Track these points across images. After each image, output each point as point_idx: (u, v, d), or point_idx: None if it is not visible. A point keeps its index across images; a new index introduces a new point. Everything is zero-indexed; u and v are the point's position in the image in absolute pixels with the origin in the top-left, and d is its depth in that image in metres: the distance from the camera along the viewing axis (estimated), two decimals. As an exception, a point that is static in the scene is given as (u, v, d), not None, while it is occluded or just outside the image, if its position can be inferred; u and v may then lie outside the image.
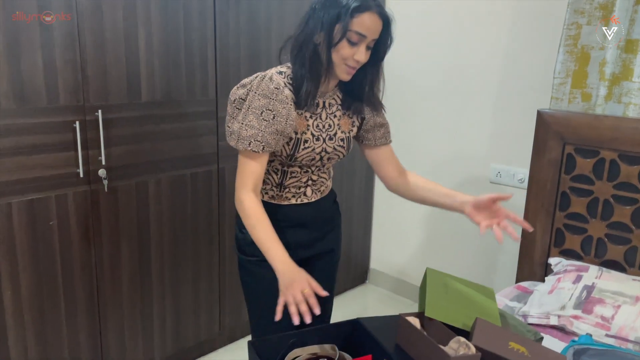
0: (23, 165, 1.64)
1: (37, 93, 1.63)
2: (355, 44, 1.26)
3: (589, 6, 1.97)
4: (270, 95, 1.28)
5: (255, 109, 1.29)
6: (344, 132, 1.44)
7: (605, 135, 1.86)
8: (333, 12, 1.25)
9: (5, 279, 1.67)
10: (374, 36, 1.27)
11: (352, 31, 1.24)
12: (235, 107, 1.35)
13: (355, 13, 1.23)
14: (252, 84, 1.31)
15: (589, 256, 1.96)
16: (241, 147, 1.30)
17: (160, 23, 1.87)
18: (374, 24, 1.26)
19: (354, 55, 1.27)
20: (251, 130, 1.28)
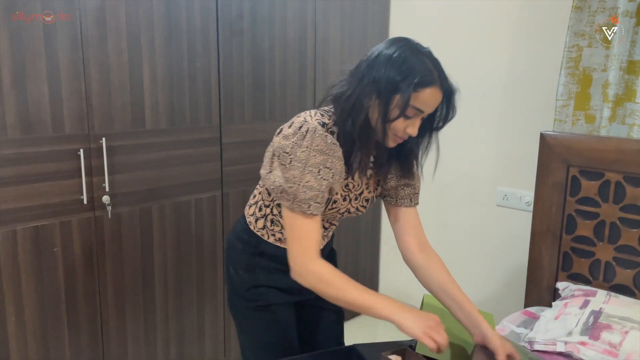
0: (28, 192, 1.68)
1: (43, 122, 1.68)
2: (410, 118, 1.15)
3: (589, 28, 1.97)
4: (327, 152, 1.16)
5: (312, 167, 1.15)
6: (370, 191, 1.35)
7: (609, 157, 1.84)
8: (393, 81, 1.11)
9: (10, 305, 1.69)
10: (431, 110, 1.17)
11: (412, 107, 1.13)
12: (276, 159, 1.19)
13: (419, 88, 1.11)
14: (302, 138, 1.15)
15: (597, 280, 1.92)
16: (298, 210, 1.16)
17: (164, 52, 1.92)
18: (435, 99, 1.14)
19: (407, 129, 1.16)
20: (310, 192, 1.15)
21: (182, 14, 1.94)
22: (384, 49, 1.17)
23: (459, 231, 2.67)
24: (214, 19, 2.04)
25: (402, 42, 1.17)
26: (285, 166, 1.16)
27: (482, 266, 2.59)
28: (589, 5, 1.96)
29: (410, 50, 1.15)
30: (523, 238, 2.37)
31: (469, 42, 2.50)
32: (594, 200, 1.89)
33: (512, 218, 2.45)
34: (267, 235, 1.33)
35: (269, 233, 1.33)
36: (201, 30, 2.01)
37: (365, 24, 2.66)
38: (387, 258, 3.05)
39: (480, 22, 2.45)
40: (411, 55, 1.14)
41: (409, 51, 1.15)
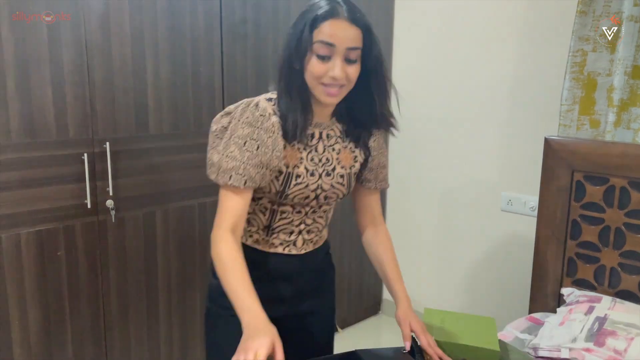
0: (32, 197, 1.68)
1: (47, 127, 1.68)
2: (326, 58, 1.11)
3: (594, 33, 1.97)
4: (254, 124, 1.15)
5: (237, 138, 1.15)
6: (344, 167, 1.28)
7: (614, 162, 1.83)
8: (299, 27, 1.12)
9: (14, 309, 1.69)
10: (348, 44, 1.11)
11: (317, 42, 1.10)
12: (216, 137, 1.22)
13: (318, 22, 1.09)
14: (236, 111, 1.19)
15: (602, 286, 1.90)
16: (221, 182, 1.15)
17: (167, 57, 1.93)
18: (341, 29, 1.10)
19: (328, 72, 1.11)
20: (232, 162, 1.14)
21: (186, 19, 1.95)
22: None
23: (464, 236, 2.66)
24: (218, 24, 2.05)
25: None
26: (220, 139, 1.20)
27: (486, 271, 2.58)
28: (593, 9, 1.95)
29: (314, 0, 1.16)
30: (527, 243, 2.36)
31: (473, 46, 2.50)
32: (598, 205, 1.88)
33: (516, 223, 2.44)
34: (245, 237, 1.29)
35: (246, 235, 1.29)
36: (205, 35, 2.02)
37: (369, 29, 2.66)
38: (391, 263, 3.03)
39: (485, 27, 2.45)
40: (315, 1, 1.14)
41: (312, 2, 1.15)
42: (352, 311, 2.90)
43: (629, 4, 1.87)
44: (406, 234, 2.92)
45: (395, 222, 2.97)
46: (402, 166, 2.89)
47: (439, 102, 2.67)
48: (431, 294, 2.86)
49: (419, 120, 2.76)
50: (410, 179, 2.87)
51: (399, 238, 2.96)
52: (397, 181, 2.93)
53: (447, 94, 2.63)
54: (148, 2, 1.84)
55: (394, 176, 2.92)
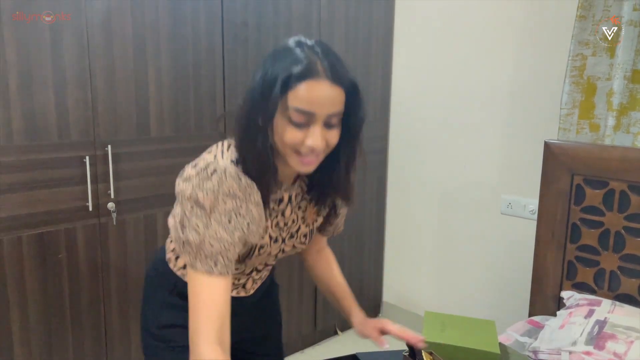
0: (34, 199, 1.69)
1: (49, 129, 1.69)
2: (302, 125, 0.93)
3: (594, 37, 1.98)
4: (241, 196, 0.96)
5: (219, 215, 0.94)
6: (308, 225, 1.16)
7: (613, 165, 1.84)
8: (268, 79, 0.92)
9: (14, 311, 1.70)
10: (329, 110, 0.92)
11: (292, 109, 0.91)
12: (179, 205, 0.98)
13: (292, 83, 0.90)
14: (206, 179, 0.94)
15: (602, 290, 1.91)
16: (203, 268, 0.94)
17: (169, 60, 1.93)
18: (322, 93, 0.91)
19: (306, 141, 0.93)
20: (218, 244, 0.94)
21: (187, 22, 1.96)
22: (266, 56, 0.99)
23: (463, 238, 2.67)
24: (219, 27, 2.06)
25: (284, 42, 0.98)
26: (185, 216, 0.95)
27: (486, 274, 2.59)
28: (593, 14, 1.96)
29: (288, 44, 0.96)
30: (527, 246, 2.36)
31: (473, 49, 2.51)
32: (598, 209, 1.89)
33: (516, 226, 2.45)
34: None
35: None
36: (206, 38, 2.03)
37: (370, 31, 2.68)
38: (391, 265, 3.04)
39: (485, 31, 2.46)
40: (286, 49, 0.95)
41: (286, 45, 0.96)
42: (351, 314, 2.90)
43: (628, 9, 1.88)
44: (406, 237, 2.93)
45: (395, 224, 2.98)
46: (402, 168, 2.90)
47: (439, 105, 2.68)
48: (431, 297, 2.86)
49: (419, 123, 2.77)
50: (410, 181, 2.87)
51: (398, 240, 2.97)
52: (397, 184, 2.93)
53: (447, 97, 2.64)
54: (150, 6, 1.85)
55: (395, 178, 2.93)
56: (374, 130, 2.81)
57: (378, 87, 2.78)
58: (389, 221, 3.01)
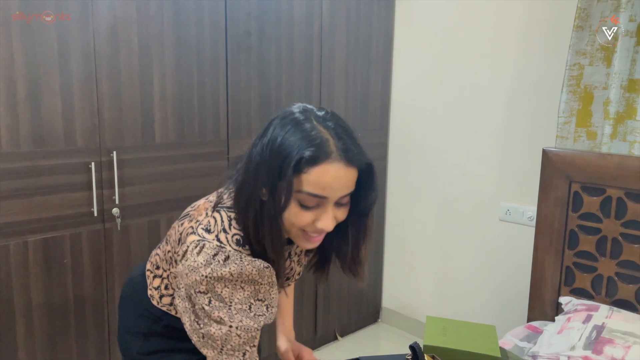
0: (40, 205, 1.71)
1: (56, 136, 1.71)
2: (313, 208, 0.89)
3: (591, 47, 2.01)
4: (259, 280, 0.91)
5: (240, 304, 0.89)
6: (301, 264, 1.16)
7: (610, 173, 1.87)
8: (275, 164, 0.86)
9: (20, 315, 1.71)
10: (342, 192, 0.89)
11: (302, 193, 0.86)
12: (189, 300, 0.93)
13: (304, 167, 0.84)
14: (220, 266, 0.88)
15: (599, 295, 1.93)
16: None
17: (174, 67, 1.97)
18: (336, 177, 0.86)
19: (316, 223, 0.89)
20: (245, 334, 0.89)
21: (191, 31, 1.99)
22: (271, 122, 0.92)
23: (462, 245, 2.70)
24: (223, 36, 2.09)
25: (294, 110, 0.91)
26: (203, 308, 0.89)
27: (485, 280, 2.61)
28: (590, 24, 2.00)
29: (299, 117, 0.89)
30: (526, 252, 2.39)
31: (472, 59, 2.55)
32: (595, 215, 1.92)
33: (515, 232, 2.48)
34: (157, 300, 1.10)
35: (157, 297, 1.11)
36: (210, 47, 2.06)
37: (370, 40, 2.71)
38: (391, 271, 3.07)
39: (484, 40, 2.50)
40: (295, 123, 0.88)
41: (297, 119, 0.88)
42: (351, 319, 2.92)
43: (624, 20, 1.92)
44: (405, 243, 2.95)
45: (394, 230, 3.00)
46: (402, 176, 2.92)
47: (438, 113, 2.71)
48: (430, 303, 2.88)
49: (419, 130, 2.80)
50: (410, 188, 2.90)
51: (398, 247, 3.00)
52: (396, 190, 2.96)
53: (446, 105, 2.67)
54: (155, 14, 1.88)
55: (394, 185, 2.96)
56: (374, 137, 2.84)
57: (378, 95, 2.82)
58: (389, 227, 3.03)
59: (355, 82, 2.68)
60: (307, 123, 0.88)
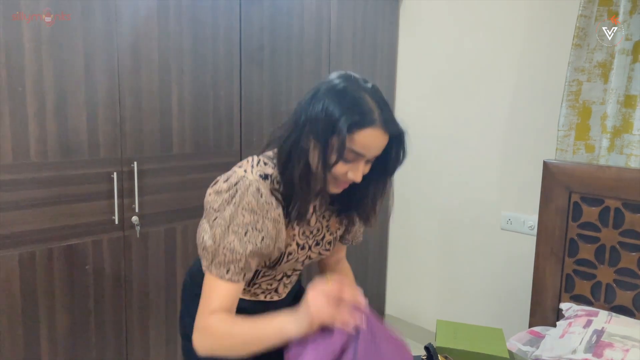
0: (65, 213, 1.78)
1: (80, 147, 1.79)
2: (350, 162, 1.05)
3: (589, 65, 2.11)
4: (258, 211, 1.04)
5: (237, 227, 1.03)
6: (332, 233, 1.25)
7: (608, 184, 1.96)
8: (328, 121, 1.01)
9: (43, 320, 1.78)
10: (375, 153, 1.06)
11: (349, 149, 1.02)
12: (205, 213, 1.10)
13: (355, 129, 1.01)
14: (233, 195, 1.05)
15: (599, 302, 2.01)
16: (216, 273, 1.05)
17: (191, 81, 2.05)
18: (376, 141, 1.04)
19: (348, 174, 1.06)
20: (231, 254, 1.03)
21: (208, 46, 2.08)
22: (321, 86, 1.07)
23: (465, 253, 2.78)
24: (237, 51, 2.18)
25: (342, 78, 1.07)
26: (209, 223, 1.06)
27: (487, 287, 2.69)
28: (587, 43, 2.10)
29: (349, 85, 1.05)
30: (527, 260, 2.47)
31: (475, 73, 2.64)
32: (594, 225, 2.00)
33: (516, 241, 2.56)
34: None
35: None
36: (224, 61, 2.14)
37: (375, 54, 2.81)
38: (395, 279, 3.14)
39: (486, 56, 2.59)
40: (349, 91, 1.03)
41: (347, 87, 1.04)
42: (356, 326, 2.98)
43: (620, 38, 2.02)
44: (409, 251, 3.03)
45: (398, 239, 3.08)
46: (405, 186, 3.00)
47: (442, 125, 2.80)
48: (433, 310, 2.95)
49: (423, 143, 2.89)
50: (413, 198, 2.98)
51: (401, 255, 3.07)
52: (401, 201, 3.04)
53: (449, 118, 2.76)
54: (175, 31, 1.97)
55: (398, 194, 3.04)
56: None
57: (383, 107, 2.90)
58: (392, 236, 3.11)
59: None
60: (357, 92, 1.04)
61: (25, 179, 1.68)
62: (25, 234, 1.71)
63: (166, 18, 1.95)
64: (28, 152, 1.68)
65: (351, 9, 2.64)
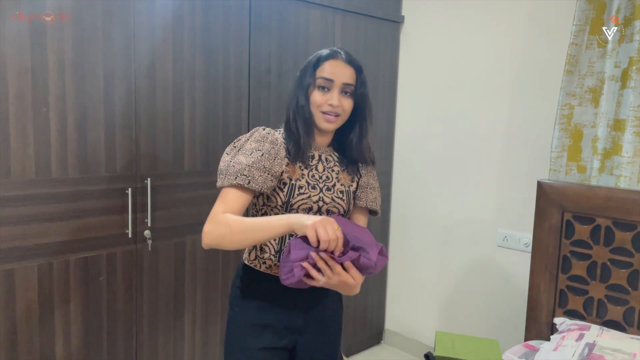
0: (82, 227, 1.87)
1: (98, 164, 1.88)
2: (325, 89, 1.34)
3: (580, 90, 2.22)
4: (260, 140, 1.34)
5: (245, 150, 1.32)
6: (343, 185, 1.44)
7: (599, 204, 2.04)
8: (305, 70, 1.38)
9: (59, 329, 1.85)
10: (343, 80, 1.34)
11: (319, 78, 1.34)
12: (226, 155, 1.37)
13: (320, 62, 1.35)
14: (246, 135, 1.38)
15: (591, 316, 2.09)
16: (227, 182, 1.28)
17: (202, 102, 2.15)
18: (339, 68, 1.34)
19: (327, 101, 1.33)
20: (238, 166, 1.29)
21: (219, 68, 2.19)
22: None
23: (462, 269, 2.85)
24: (246, 74, 2.29)
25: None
26: (226, 154, 1.36)
27: (483, 302, 2.76)
28: (579, 69, 2.21)
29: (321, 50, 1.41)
30: (522, 276, 2.54)
31: (471, 96, 2.74)
32: (586, 242, 2.09)
33: (511, 258, 2.64)
34: (259, 265, 1.41)
35: (260, 262, 1.40)
36: (234, 83, 2.25)
37: (377, 78, 2.93)
38: (394, 292, 3.20)
39: (482, 80, 2.69)
40: (320, 51, 1.40)
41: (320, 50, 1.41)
42: (355, 340, 3.05)
43: (610, 66, 2.13)
44: (408, 267, 3.10)
45: (397, 254, 3.15)
46: (404, 203, 3.09)
47: (440, 146, 2.90)
48: (431, 325, 3.02)
49: (420, 163, 2.98)
50: (412, 214, 3.06)
51: (400, 270, 3.14)
52: (400, 217, 3.12)
53: (447, 139, 2.86)
54: (188, 56, 2.08)
55: (397, 212, 3.12)
56: (379, 166, 3.02)
57: (383, 129, 3.01)
58: (392, 251, 3.18)
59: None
60: (325, 49, 1.40)
61: (47, 193, 1.78)
62: (45, 246, 1.79)
63: (181, 43, 2.06)
64: (49, 168, 1.78)
65: (354, 35, 2.76)
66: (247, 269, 1.44)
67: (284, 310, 1.40)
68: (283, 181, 1.36)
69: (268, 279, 1.39)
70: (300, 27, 2.50)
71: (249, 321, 1.40)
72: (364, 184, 1.50)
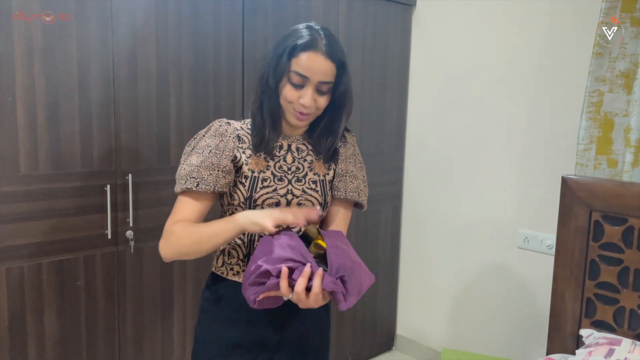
0: (56, 226, 1.72)
1: (73, 158, 1.74)
2: (298, 86, 1.17)
3: (610, 74, 1.99)
4: (213, 134, 1.23)
5: (198, 149, 1.23)
6: (317, 174, 1.29)
7: (632, 202, 1.83)
8: (278, 52, 1.18)
9: (32, 337, 1.71)
10: (321, 78, 1.16)
11: (292, 71, 1.16)
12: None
13: (296, 52, 1.15)
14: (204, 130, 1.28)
15: (622, 328, 1.88)
16: (178, 189, 1.21)
17: (191, 92, 1.99)
18: (317, 64, 1.15)
19: (300, 99, 1.17)
20: (189, 167, 1.20)
21: (209, 56, 2.02)
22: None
23: (479, 272, 2.66)
24: (240, 61, 2.12)
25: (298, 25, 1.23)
26: (183, 154, 1.26)
27: (502, 309, 2.56)
28: (609, 51, 1.98)
29: (299, 26, 1.22)
30: (544, 281, 2.35)
31: (490, 85, 2.55)
32: (617, 245, 1.87)
33: (533, 261, 2.44)
34: (226, 272, 1.28)
35: (227, 269, 1.28)
36: (227, 72, 2.08)
37: (385, 66, 2.73)
38: (405, 299, 3.03)
39: (502, 66, 2.50)
40: (299, 28, 1.20)
41: (298, 26, 1.21)
42: (365, 346, 2.88)
43: (645, 46, 1.90)
44: (421, 270, 2.92)
45: (409, 256, 2.98)
46: (417, 201, 2.91)
47: (455, 139, 2.70)
48: (445, 332, 2.83)
49: (434, 158, 2.79)
50: (425, 213, 2.88)
51: (413, 273, 2.96)
52: (412, 216, 2.94)
53: (463, 131, 2.67)
54: (173, 41, 1.92)
55: (410, 211, 2.94)
56: (389, 161, 2.83)
57: (393, 120, 2.82)
58: (404, 253, 3.00)
59: (371, 107, 2.68)
60: (305, 29, 1.19)
61: (15, 191, 1.64)
62: (14, 248, 1.65)
63: (165, 26, 1.89)
64: (17, 164, 1.63)
65: (361, 18, 2.57)
66: (215, 277, 1.30)
67: (257, 324, 1.24)
68: (244, 174, 1.23)
69: (237, 289, 1.21)
70: (299, 9, 2.31)
71: (216, 340, 1.25)
72: (341, 172, 1.33)
